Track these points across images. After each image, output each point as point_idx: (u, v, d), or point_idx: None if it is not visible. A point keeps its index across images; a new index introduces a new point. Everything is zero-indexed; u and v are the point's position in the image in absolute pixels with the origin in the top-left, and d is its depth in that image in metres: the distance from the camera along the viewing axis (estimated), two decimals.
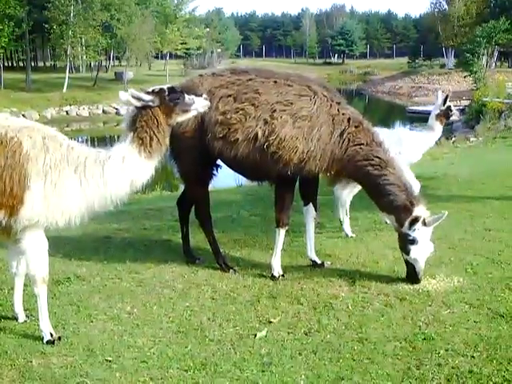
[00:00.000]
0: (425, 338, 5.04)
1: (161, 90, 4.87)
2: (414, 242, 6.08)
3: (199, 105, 5.07)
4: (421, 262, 6.16)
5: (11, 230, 4.83)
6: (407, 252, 6.15)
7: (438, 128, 8.72)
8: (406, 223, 6.05)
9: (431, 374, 4.48)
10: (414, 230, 6.05)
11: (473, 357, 4.72)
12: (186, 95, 4.99)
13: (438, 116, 8.73)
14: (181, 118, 5.09)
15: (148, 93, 4.84)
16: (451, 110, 8.79)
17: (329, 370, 4.56)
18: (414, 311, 5.60)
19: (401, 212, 6.09)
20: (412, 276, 6.25)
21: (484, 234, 8.13)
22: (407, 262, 6.26)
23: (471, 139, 29.31)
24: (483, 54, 54.15)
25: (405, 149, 8.13)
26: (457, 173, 13.29)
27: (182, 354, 4.84)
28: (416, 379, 4.43)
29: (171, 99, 4.89)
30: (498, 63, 76.33)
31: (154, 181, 4.98)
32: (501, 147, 23.01)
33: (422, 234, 6.07)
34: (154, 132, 4.82)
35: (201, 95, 5.15)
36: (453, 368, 4.56)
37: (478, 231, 8.29)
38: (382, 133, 6.72)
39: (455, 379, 4.41)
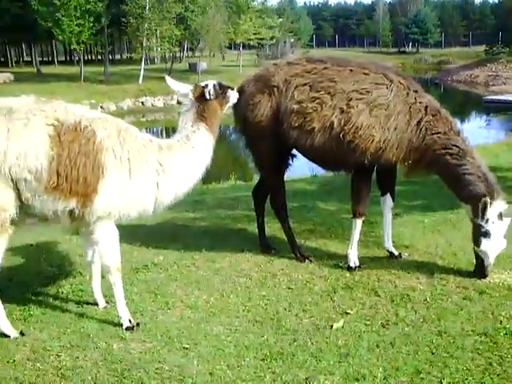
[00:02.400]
0: (506, 333, 4.90)
1: (215, 85, 5.27)
2: (486, 234, 5.90)
3: (234, 97, 5.48)
4: (490, 257, 5.98)
5: (83, 220, 4.95)
6: (478, 244, 5.98)
7: None
8: (482, 214, 5.87)
9: None
10: (489, 222, 5.87)
11: None
12: (228, 89, 5.42)
13: None
14: (225, 109, 5.51)
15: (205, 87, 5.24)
16: None
17: (407, 363, 4.49)
18: (495, 305, 5.45)
19: (478, 202, 5.90)
20: (479, 270, 6.09)
21: None
22: (476, 255, 6.09)
23: None
24: None
25: None
26: None
27: (259, 344, 4.86)
28: (498, 375, 4.31)
29: (222, 94, 5.31)
30: None
31: (228, 170, 5.07)
32: None
33: (496, 228, 5.89)
34: (215, 121, 5.30)
35: (233, 88, 5.52)
36: None
37: None
38: None
39: None
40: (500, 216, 5.88)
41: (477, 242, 6.01)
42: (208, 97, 5.16)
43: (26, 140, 4.65)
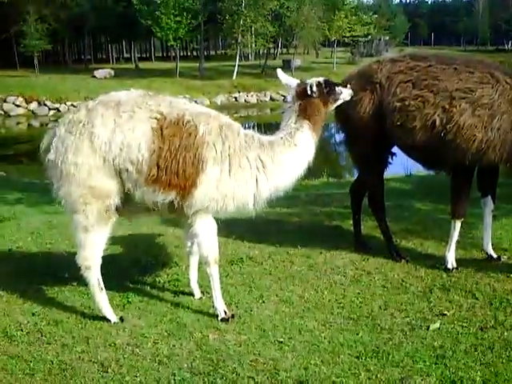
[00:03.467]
0: None
1: (319, 83, 5.15)
2: None
3: (346, 94, 5.38)
4: None
5: (183, 212, 5.08)
6: None
7: None
8: None
9: None
10: None
11: None
12: (336, 87, 5.31)
13: None
14: (332, 107, 5.40)
15: (310, 86, 5.12)
16: None
17: (507, 369, 4.36)
18: None
19: None
20: None
21: None
22: None
23: None
24: None
25: None
26: None
27: (353, 341, 4.84)
28: None
29: (328, 91, 5.21)
30: None
31: (319, 168, 5.11)
32: None
33: None
34: (319, 119, 5.19)
35: (346, 86, 5.43)
36: None
37: None
38: None
39: None
40: None
41: None
42: (310, 94, 5.11)
43: (129, 132, 4.84)
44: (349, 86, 5.46)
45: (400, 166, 11.14)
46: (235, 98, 49.26)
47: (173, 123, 4.89)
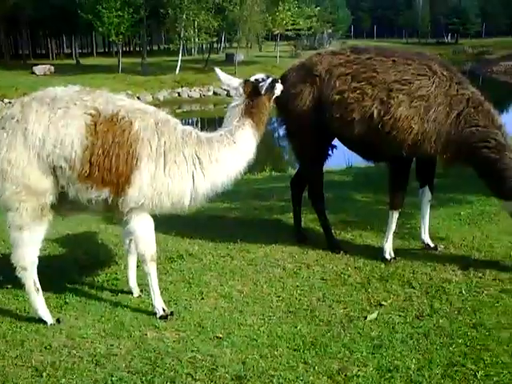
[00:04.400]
0: None
1: (272, 81, 5.21)
2: None
3: (279, 89, 5.36)
4: None
5: (118, 210, 5.01)
6: None
7: None
8: None
9: None
10: None
11: None
12: (276, 83, 5.32)
13: None
14: (271, 103, 5.40)
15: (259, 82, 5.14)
16: None
17: (440, 355, 4.44)
18: None
19: None
20: None
21: None
22: None
23: None
24: None
25: None
26: None
27: (292, 334, 4.85)
28: None
29: (272, 87, 5.22)
30: None
31: (262, 162, 5.10)
32: None
33: None
34: (264, 116, 5.20)
35: (278, 81, 5.38)
36: None
37: None
38: None
39: None
40: None
41: None
42: (263, 92, 5.11)
43: (63, 128, 4.75)
44: (280, 81, 5.46)
45: (341, 158, 11.20)
46: (178, 93, 48.93)
47: (107, 119, 4.82)
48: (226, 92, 46.45)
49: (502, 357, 4.40)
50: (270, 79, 5.18)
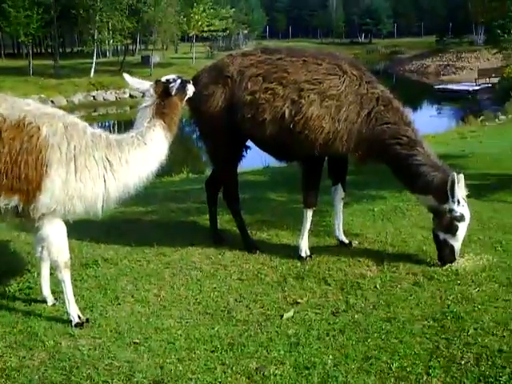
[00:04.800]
0: (454, 317, 4.97)
1: (182, 81, 5.17)
2: (461, 218, 5.91)
3: (191, 90, 5.35)
4: (461, 240, 6.03)
5: (29, 217, 4.87)
6: (454, 230, 5.95)
7: None
8: (452, 192, 5.82)
9: (460, 354, 4.41)
10: (460, 203, 5.88)
11: (503, 336, 4.64)
12: (188, 84, 5.31)
13: None
14: (183, 104, 5.38)
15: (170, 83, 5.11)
16: None
17: (356, 350, 4.52)
18: (443, 290, 5.53)
19: (442, 189, 5.87)
20: (449, 256, 6.07)
21: None
22: (445, 242, 6.05)
23: (500, 117, 28.97)
24: None
25: None
26: (485, 151, 13.11)
27: (209, 336, 4.84)
28: (445, 358, 4.36)
29: (183, 88, 5.20)
30: None
31: (180, 164, 5.06)
32: None
33: (466, 210, 5.94)
34: (176, 117, 5.19)
35: (189, 81, 5.36)
36: (482, 347, 4.48)
37: (508, 209, 8.17)
38: None
39: (484, 358, 4.33)
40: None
41: (450, 229, 5.97)
42: (173, 93, 5.07)
43: None
44: (191, 82, 5.43)
45: (258, 158, 11.27)
46: (93, 96, 48.10)
47: (13, 125, 4.66)
48: (142, 94, 46.11)
49: (415, 348, 4.51)
50: (180, 80, 5.14)
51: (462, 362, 4.30)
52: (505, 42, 48.73)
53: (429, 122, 30.15)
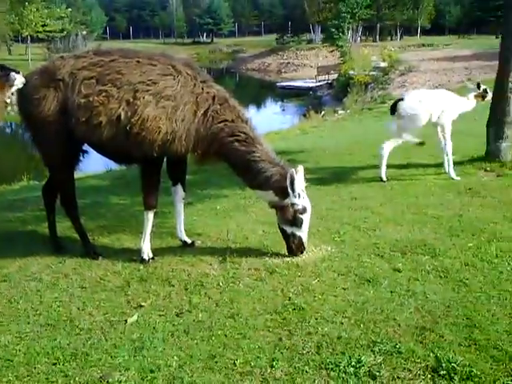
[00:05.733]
0: (295, 309, 5.12)
1: None
2: (304, 210, 6.10)
3: (19, 81, 5.35)
4: (307, 230, 6.24)
5: None
6: (299, 223, 6.15)
7: (473, 101, 9.93)
8: (292, 186, 6.00)
9: (302, 343, 4.57)
10: (301, 196, 6.06)
11: (342, 323, 4.85)
12: (11, 72, 5.29)
13: (475, 96, 9.93)
14: (8, 93, 5.30)
15: None
16: (487, 92, 9.98)
17: (201, 349, 4.55)
18: (285, 283, 5.69)
19: (282, 184, 6.03)
20: (298, 247, 6.28)
21: (350, 203, 8.40)
22: (292, 235, 6.24)
23: (339, 112, 30.33)
24: (348, 29, 55.89)
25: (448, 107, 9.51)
26: (325, 145, 13.62)
27: (51, 348, 4.69)
28: (287, 349, 4.50)
29: (3, 76, 5.18)
30: (364, 38, 79.11)
31: (21, 171, 4.86)
32: (367, 118, 23.87)
33: (307, 201, 6.14)
34: None
35: (19, 72, 5.36)
36: (322, 335, 4.66)
37: (345, 200, 8.55)
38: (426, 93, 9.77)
39: (325, 346, 4.51)
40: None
41: (294, 222, 6.14)
42: None
43: None
44: (21, 73, 5.21)
45: (101, 162, 11.06)
46: None
47: None
48: None
49: (259, 342, 4.61)
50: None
51: (304, 352, 4.46)
52: (339, 40, 51.16)
53: (273, 119, 30.95)
